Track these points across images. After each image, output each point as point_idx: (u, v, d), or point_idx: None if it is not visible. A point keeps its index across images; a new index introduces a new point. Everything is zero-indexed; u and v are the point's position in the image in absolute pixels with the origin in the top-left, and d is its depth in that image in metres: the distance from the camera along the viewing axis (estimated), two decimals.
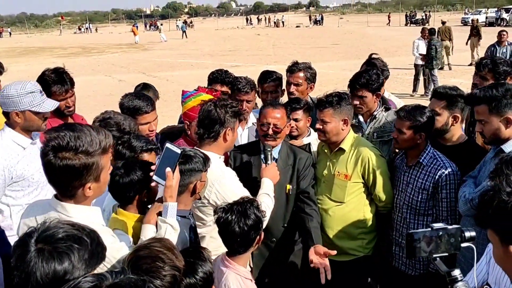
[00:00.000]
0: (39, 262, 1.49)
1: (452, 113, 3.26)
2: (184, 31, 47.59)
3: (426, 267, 3.27)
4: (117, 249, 2.03)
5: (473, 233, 1.82)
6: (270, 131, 3.25)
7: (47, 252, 1.50)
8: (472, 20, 21.48)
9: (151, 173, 2.41)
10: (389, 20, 57.71)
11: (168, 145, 2.39)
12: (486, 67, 3.93)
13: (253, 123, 4.12)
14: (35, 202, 2.45)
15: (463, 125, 3.48)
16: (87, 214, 2.04)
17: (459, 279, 1.77)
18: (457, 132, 3.35)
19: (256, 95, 4.14)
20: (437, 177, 3.14)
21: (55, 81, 3.56)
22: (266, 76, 4.26)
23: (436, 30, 16.38)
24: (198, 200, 2.73)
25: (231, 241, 2.46)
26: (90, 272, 1.56)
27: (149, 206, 2.52)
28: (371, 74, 3.69)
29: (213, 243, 2.87)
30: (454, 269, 1.79)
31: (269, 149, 3.22)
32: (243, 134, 4.08)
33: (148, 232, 2.36)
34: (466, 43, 19.56)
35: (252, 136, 4.03)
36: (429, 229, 1.83)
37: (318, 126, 3.37)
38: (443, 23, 20.54)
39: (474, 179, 2.94)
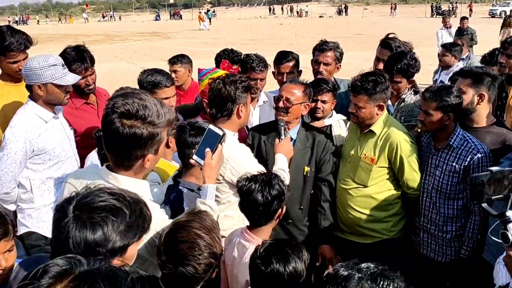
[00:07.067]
0: (73, 229, 1.47)
1: (478, 91, 3.15)
2: (209, 18, 49.06)
3: (458, 252, 3.17)
4: (161, 226, 2.01)
5: None
6: (281, 104, 3.24)
7: (82, 220, 1.48)
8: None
9: (193, 151, 2.44)
10: (392, 10, 56.88)
11: (210, 126, 2.41)
12: (511, 45, 3.82)
13: (264, 102, 4.10)
14: (82, 170, 2.43)
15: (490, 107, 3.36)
16: (137, 187, 1.98)
17: None
18: (484, 112, 3.22)
19: (266, 73, 4.07)
20: (468, 159, 3.03)
21: (75, 59, 3.56)
22: (283, 56, 4.16)
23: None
24: None
25: (252, 211, 2.44)
26: (129, 244, 1.54)
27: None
28: (409, 60, 3.57)
29: (227, 221, 2.86)
30: (508, 210, 1.85)
31: (281, 123, 3.20)
32: (255, 113, 4.03)
33: None
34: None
35: (264, 115, 4.00)
36: (489, 172, 1.93)
37: (351, 110, 3.27)
38: None
39: (511, 161, 2.83)
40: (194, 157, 2.40)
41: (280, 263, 2.04)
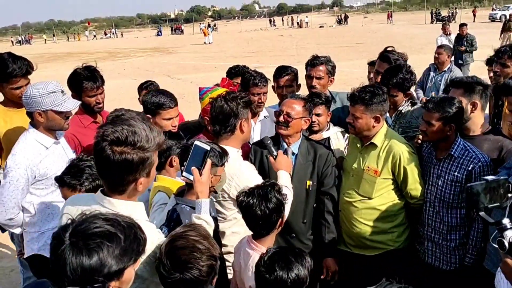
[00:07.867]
0: (70, 255, 1.52)
1: (470, 100, 3.19)
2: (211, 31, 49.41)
3: (462, 260, 3.18)
4: (156, 245, 2.04)
5: None
6: (281, 118, 3.29)
7: (78, 247, 1.53)
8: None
9: (182, 168, 2.48)
10: (389, 17, 57.41)
11: (196, 142, 2.44)
12: (505, 54, 3.85)
13: (264, 117, 4.16)
14: (78, 196, 2.49)
15: (486, 112, 3.38)
16: (132, 209, 2.03)
17: (509, 227, 1.86)
18: (479, 121, 3.25)
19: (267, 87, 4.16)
20: (469, 168, 3.06)
21: (87, 78, 3.65)
22: (282, 70, 4.26)
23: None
24: (215, 193, 2.75)
25: (253, 224, 2.51)
26: (125, 267, 1.58)
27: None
28: (405, 74, 3.61)
29: (234, 237, 2.90)
30: (504, 218, 1.87)
31: (268, 141, 3.25)
32: (256, 128, 4.10)
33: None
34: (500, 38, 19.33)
35: (265, 130, 4.06)
36: (484, 181, 1.95)
37: (348, 120, 3.33)
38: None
39: (508, 170, 2.85)
40: (184, 173, 2.44)
41: (283, 270, 2.13)
